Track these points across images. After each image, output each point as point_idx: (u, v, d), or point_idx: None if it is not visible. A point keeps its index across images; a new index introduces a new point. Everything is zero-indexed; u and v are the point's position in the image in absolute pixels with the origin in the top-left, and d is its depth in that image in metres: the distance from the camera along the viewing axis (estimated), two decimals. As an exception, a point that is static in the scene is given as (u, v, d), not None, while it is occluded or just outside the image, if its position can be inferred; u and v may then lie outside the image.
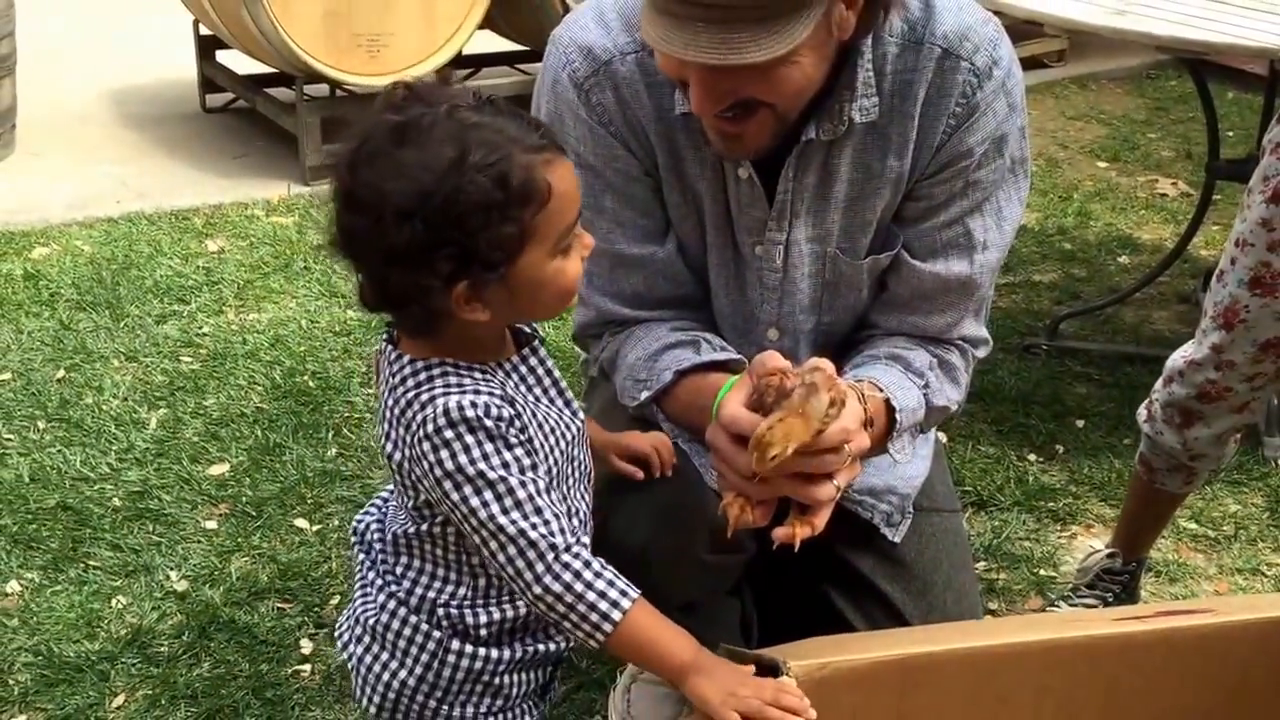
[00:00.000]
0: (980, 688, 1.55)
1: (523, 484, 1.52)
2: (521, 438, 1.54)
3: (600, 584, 1.52)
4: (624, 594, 1.52)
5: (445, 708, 1.68)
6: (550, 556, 1.52)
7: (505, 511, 1.51)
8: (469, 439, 1.50)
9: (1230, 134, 5.12)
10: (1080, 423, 3.33)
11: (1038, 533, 2.92)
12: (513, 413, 1.53)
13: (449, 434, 1.50)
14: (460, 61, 5.17)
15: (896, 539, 2.02)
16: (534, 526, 1.51)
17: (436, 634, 1.65)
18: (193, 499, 2.94)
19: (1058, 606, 2.63)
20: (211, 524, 2.86)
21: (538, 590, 1.52)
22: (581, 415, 1.68)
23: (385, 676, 1.68)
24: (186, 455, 3.09)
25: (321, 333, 3.67)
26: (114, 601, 2.61)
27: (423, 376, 1.54)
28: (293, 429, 3.20)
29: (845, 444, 1.59)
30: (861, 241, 1.89)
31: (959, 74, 1.78)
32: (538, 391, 1.63)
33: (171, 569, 2.71)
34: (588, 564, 1.53)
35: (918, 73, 1.78)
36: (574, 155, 1.84)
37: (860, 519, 1.99)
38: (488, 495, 1.51)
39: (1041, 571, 2.80)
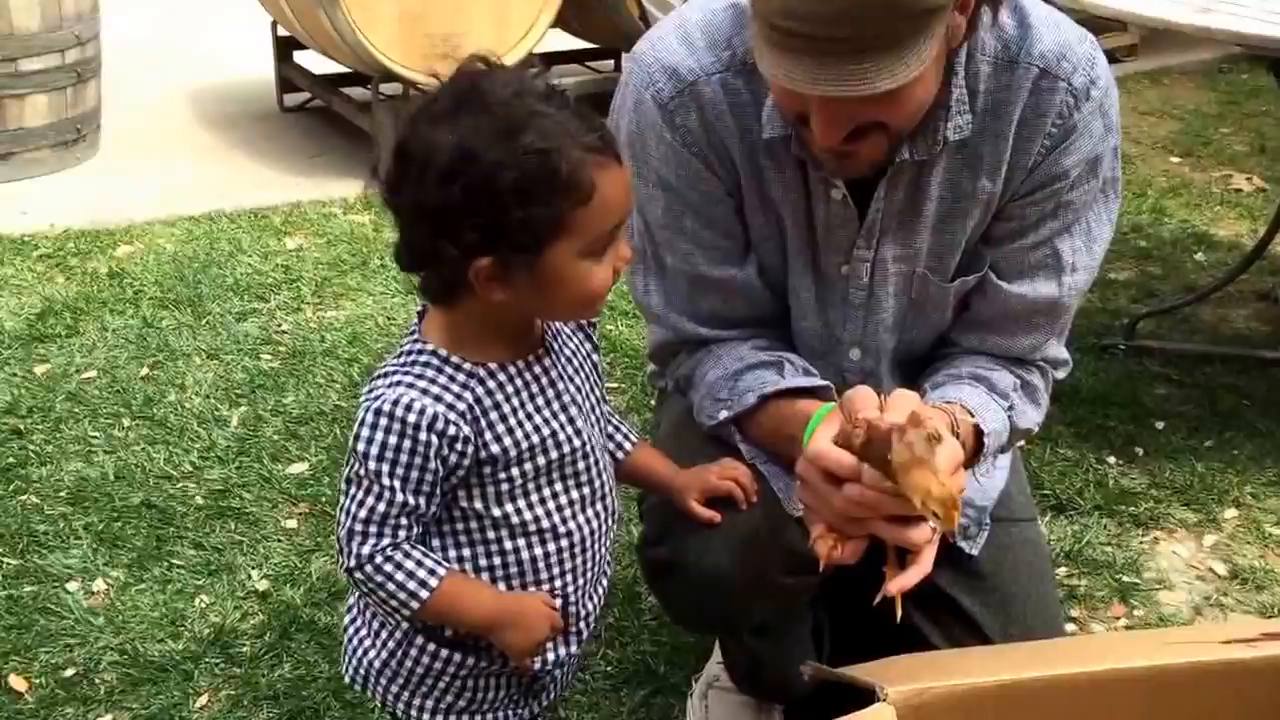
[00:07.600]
0: (1082, 715, 1.52)
1: (404, 504, 1.56)
2: (456, 457, 1.55)
3: (400, 575, 1.58)
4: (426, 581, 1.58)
5: (407, 694, 1.72)
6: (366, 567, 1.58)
7: (368, 521, 1.57)
8: (393, 439, 1.53)
9: (1307, 128, 5.04)
10: (1160, 424, 3.29)
11: (1119, 537, 2.89)
12: (466, 434, 1.55)
13: (384, 422, 1.53)
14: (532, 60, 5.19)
15: (974, 551, 1.99)
16: (367, 542, 1.57)
17: (404, 624, 1.68)
18: (273, 498, 2.97)
19: None
20: (292, 523, 2.89)
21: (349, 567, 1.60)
22: (585, 433, 1.66)
23: (359, 652, 1.74)
24: (267, 454, 3.13)
25: (398, 330, 3.69)
26: (197, 600, 2.66)
27: (408, 360, 1.58)
28: (370, 428, 3.22)
29: None
30: (949, 262, 1.86)
31: (1056, 94, 1.74)
32: (540, 401, 1.62)
33: (253, 568, 2.75)
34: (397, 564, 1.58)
35: (1012, 91, 1.74)
36: (656, 175, 1.83)
37: None
38: (361, 491, 1.56)
39: (1124, 578, 2.76)
